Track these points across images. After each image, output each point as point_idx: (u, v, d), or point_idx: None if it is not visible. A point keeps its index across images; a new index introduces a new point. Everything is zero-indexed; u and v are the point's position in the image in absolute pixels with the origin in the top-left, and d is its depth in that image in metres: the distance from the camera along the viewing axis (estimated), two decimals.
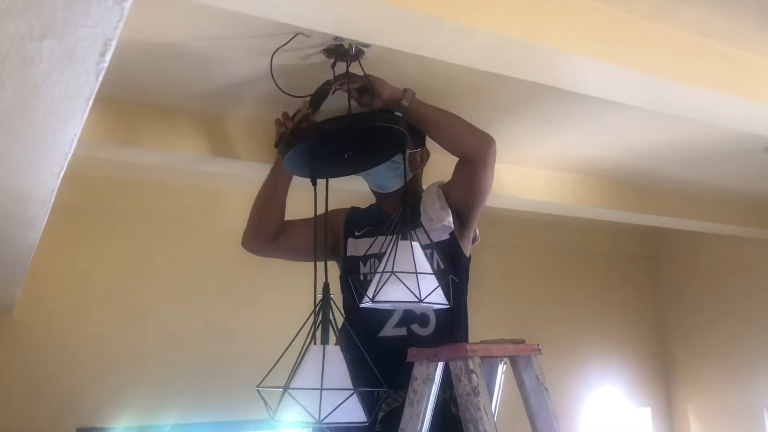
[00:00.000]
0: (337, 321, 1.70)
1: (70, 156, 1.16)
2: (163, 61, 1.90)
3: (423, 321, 1.97)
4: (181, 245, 3.32)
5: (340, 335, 1.74)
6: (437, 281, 1.64)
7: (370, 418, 1.61)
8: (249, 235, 2.12)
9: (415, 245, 1.66)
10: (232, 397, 3.07)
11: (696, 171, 3.13)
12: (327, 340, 1.60)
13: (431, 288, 1.59)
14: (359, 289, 1.70)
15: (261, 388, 1.55)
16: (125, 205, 3.16)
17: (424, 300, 1.56)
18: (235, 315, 3.35)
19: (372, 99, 1.84)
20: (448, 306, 1.66)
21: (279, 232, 2.11)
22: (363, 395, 1.59)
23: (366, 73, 1.83)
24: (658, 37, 1.87)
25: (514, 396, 1.84)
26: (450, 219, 1.99)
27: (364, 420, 1.56)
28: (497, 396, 1.89)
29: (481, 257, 2.25)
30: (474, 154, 1.94)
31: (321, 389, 1.49)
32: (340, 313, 1.71)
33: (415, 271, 1.58)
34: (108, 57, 0.85)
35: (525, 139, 2.69)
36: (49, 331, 2.97)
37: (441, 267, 1.93)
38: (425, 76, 2.00)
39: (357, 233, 2.10)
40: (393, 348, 1.86)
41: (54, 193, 1.38)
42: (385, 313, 1.94)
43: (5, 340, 2.89)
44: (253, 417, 2.90)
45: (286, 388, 1.54)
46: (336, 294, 1.73)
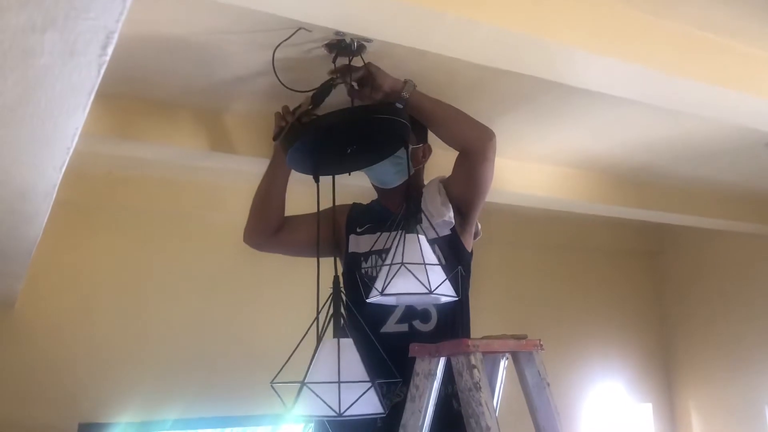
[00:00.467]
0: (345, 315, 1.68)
1: (72, 150, 1.16)
2: (165, 56, 1.90)
3: (425, 317, 1.97)
4: (183, 241, 3.32)
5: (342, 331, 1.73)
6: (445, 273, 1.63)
7: (386, 411, 1.60)
8: (250, 230, 2.12)
9: (422, 238, 1.66)
10: (234, 393, 3.07)
11: (697, 166, 3.13)
12: (339, 333, 1.58)
13: (440, 280, 1.58)
14: (367, 284, 1.69)
15: (275, 383, 1.51)
16: (127, 201, 3.16)
17: (434, 291, 1.54)
18: (237, 310, 3.35)
19: (372, 91, 1.84)
20: (457, 298, 1.65)
21: (280, 226, 2.11)
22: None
23: (366, 62, 1.83)
24: (659, 32, 1.86)
25: (515, 391, 1.84)
26: (451, 214, 1.99)
27: (381, 412, 1.55)
28: (499, 391, 1.88)
29: (482, 253, 2.25)
30: (474, 147, 1.93)
31: (339, 382, 1.47)
32: (349, 307, 1.69)
33: (424, 262, 1.57)
34: (110, 50, 0.85)
35: (526, 134, 2.69)
36: (51, 326, 2.97)
37: (443, 262, 1.92)
38: (426, 70, 2.00)
39: (359, 230, 2.10)
40: (395, 344, 1.85)
41: (56, 188, 1.38)
42: (387, 309, 1.94)
43: (7, 334, 2.89)
44: (256, 412, 2.90)
45: (303, 382, 1.51)
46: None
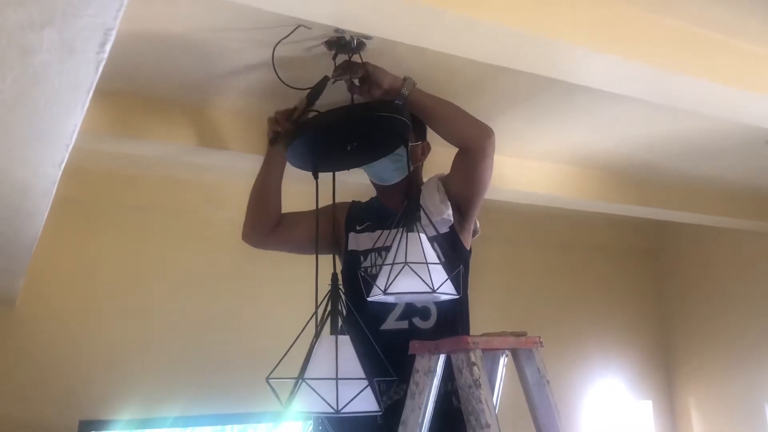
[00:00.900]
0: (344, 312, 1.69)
1: (71, 147, 1.16)
2: (164, 53, 1.90)
3: (424, 314, 1.97)
4: (184, 238, 3.32)
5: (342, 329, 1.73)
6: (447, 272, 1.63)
7: (382, 409, 1.60)
8: (247, 228, 2.11)
9: (423, 237, 1.66)
10: (234, 390, 3.08)
11: (697, 164, 3.13)
12: (337, 330, 1.59)
13: (442, 279, 1.59)
14: (367, 281, 1.69)
15: (272, 379, 1.51)
16: (127, 198, 3.16)
17: (437, 290, 1.55)
18: (238, 308, 3.35)
19: (371, 88, 1.84)
20: (458, 296, 1.66)
21: (278, 223, 2.10)
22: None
23: (364, 62, 1.83)
24: (660, 29, 1.86)
25: (515, 389, 1.85)
26: (449, 212, 1.99)
27: (378, 410, 1.55)
28: (499, 389, 1.88)
29: (482, 250, 2.25)
30: (473, 144, 1.93)
31: (336, 379, 1.47)
32: (347, 304, 1.70)
33: (426, 262, 1.58)
34: (108, 47, 0.85)
35: (526, 132, 2.68)
36: (52, 323, 2.97)
37: (442, 260, 1.92)
38: (426, 68, 2.00)
39: (358, 227, 2.10)
40: (394, 341, 1.86)
41: (56, 185, 1.38)
42: (387, 307, 1.94)
43: (8, 331, 2.90)
44: (256, 409, 2.90)
45: (301, 378, 1.51)
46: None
